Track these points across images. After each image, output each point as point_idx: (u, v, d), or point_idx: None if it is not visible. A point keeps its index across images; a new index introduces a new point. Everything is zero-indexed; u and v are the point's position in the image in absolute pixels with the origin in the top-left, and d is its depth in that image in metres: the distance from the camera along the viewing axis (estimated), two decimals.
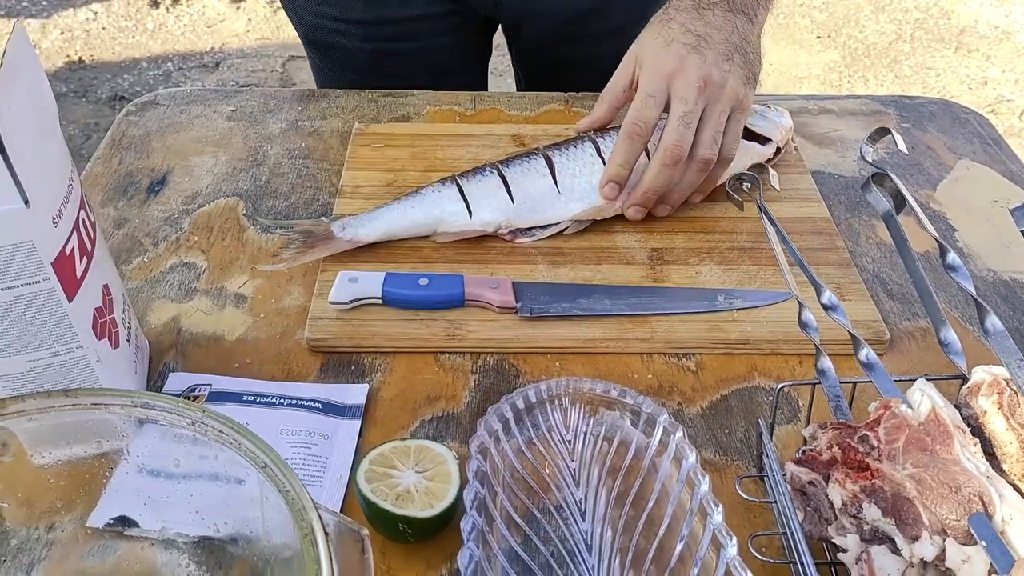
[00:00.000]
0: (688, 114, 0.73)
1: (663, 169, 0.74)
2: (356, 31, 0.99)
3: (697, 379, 0.66)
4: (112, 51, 2.91)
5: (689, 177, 0.75)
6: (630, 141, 0.74)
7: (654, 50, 0.75)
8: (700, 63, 0.73)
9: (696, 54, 0.74)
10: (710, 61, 0.73)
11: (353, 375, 0.65)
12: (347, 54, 1.02)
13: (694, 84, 0.72)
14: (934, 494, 0.46)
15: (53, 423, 0.45)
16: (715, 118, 0.74)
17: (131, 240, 0.77)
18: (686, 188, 0.76)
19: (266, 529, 0.45)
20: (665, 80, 0.74)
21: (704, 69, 0.73)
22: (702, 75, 0.73)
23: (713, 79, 0.73)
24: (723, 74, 0.74)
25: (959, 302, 0.73)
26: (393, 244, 0.76)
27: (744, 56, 0.75)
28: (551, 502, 0.53)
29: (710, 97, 0.73)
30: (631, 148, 0.74)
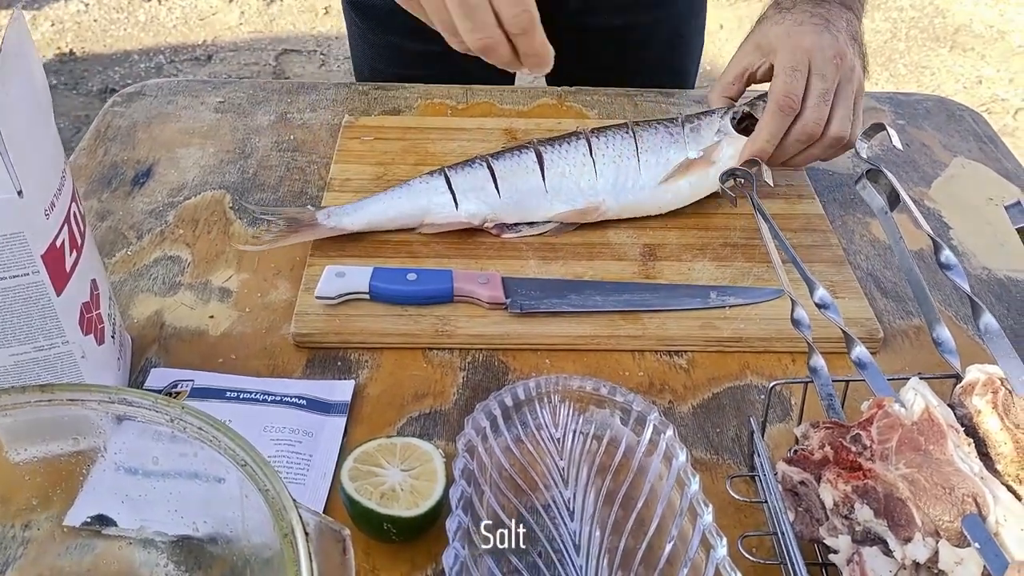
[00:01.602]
0: (827, 92, 0.74)
1: (796, 145, 0.75)
2: None
3: (689, 377, 0.65)
4: (103, 43, 2.89)
5: (817, 152, 0.76)
6: (781, 115, 0.74)
7: (787, 29, 0.77)
8: (833, 41, 0.75)
9: (828, 33, 0.75)
10: (841, 40, 0.75)
11: (339, 371, 0.64)
12: (389, 16, 1.01)
13: (831, 60, 0.74)
14: (927, 495, 0.45)
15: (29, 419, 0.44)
16: (847, 97, 0.75)
17: (115, 233, 0.76)
18: (806, 162, 0.77)
19: (246, 529, 0.44)
20: (806, 54, 0.75)
21: (838, 47, 0.75)
22: (838, 51, 0.74)
23: (847, 58, 0.75)
24: (853, 57, 0.76)
25: (953, 300, 0.72)
26: (381, 239, 0.74)
27: (860, 47, 0.78)
28: (539, 501, 0.52)
29: (843, 76, 0.75)
30: (782, 122, 0.75)
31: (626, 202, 0.76)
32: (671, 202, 0.78)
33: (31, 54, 0.52)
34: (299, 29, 2.99)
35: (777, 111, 0.74)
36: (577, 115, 0.93)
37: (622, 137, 0.78)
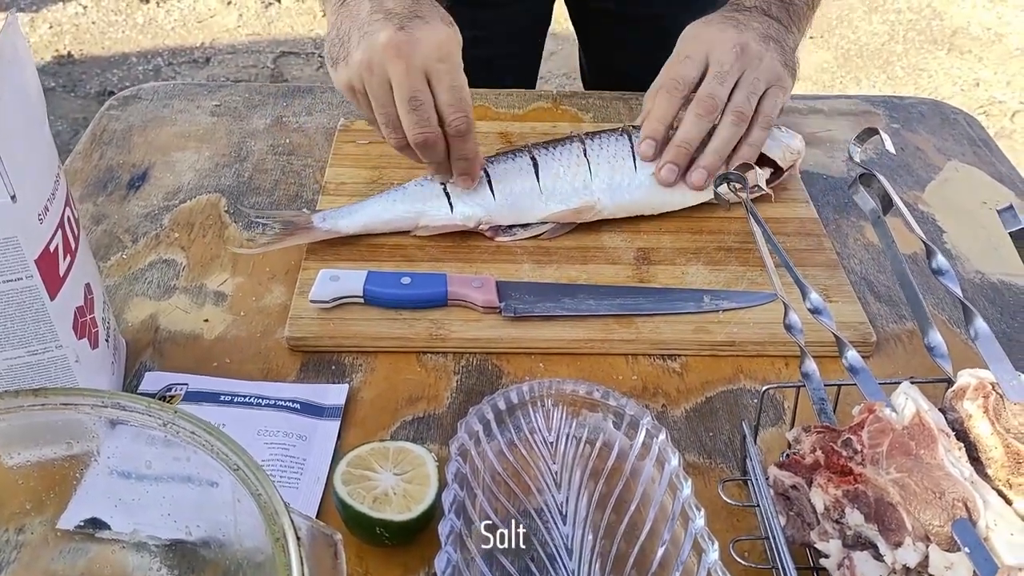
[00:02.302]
0: (722, 73, 0.74)
1: (696, 120, 0.75)
2: None
3: (682, 380, 0.65)
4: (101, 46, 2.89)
5: (722, 133, 0.75)
6: (668, 96, 0.76)
7: (694, 30, 0.78)
8: (737, 34, 0.76)
9: (733, 28, 0.76)
10: (748, 35, 0.76)
11: (333, 375, 0.65)
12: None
13: (730, 49, 0.75)
14: (917, 499, 0.45)
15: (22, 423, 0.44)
16: (749, 81, 0.75)
17: (110, 236, 0.76)
18: (720, 146, 0.76)
19: (238, 533, 0.44)
20: (704, 46, 0.76)
21: (741, 38, 0.75)
22: (739, 42, 0.75)
23: (750, 48, 0.75)
24: (760, 48, 0.75)
25: (946, 304, 0.72)
26: (375, 242, 0.75)
27: (781, 47, 0.77)
28: (532, 505, 0.52)
29: (747, 64, 0.75)
30: (669, 103, 0.75)
31: (621, 201, 0.77)
32: (667, 202, 0.78)
33: (25, 58, 0.52)
34: (297, 32, 2.99)
35: (664, 92, 0.76)
36: (572, 119, 0.93)
37: (617, 139, 0.79)
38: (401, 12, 0.68)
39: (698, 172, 0.76)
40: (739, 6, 0.81)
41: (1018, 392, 0.50)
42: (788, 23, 0.80)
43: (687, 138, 0.75)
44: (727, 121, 0.75)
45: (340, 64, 0.70)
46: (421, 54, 0.67)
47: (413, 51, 0.67)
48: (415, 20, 0.68)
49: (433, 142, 0.69)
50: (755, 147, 0.77)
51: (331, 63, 0.72)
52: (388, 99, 0.69)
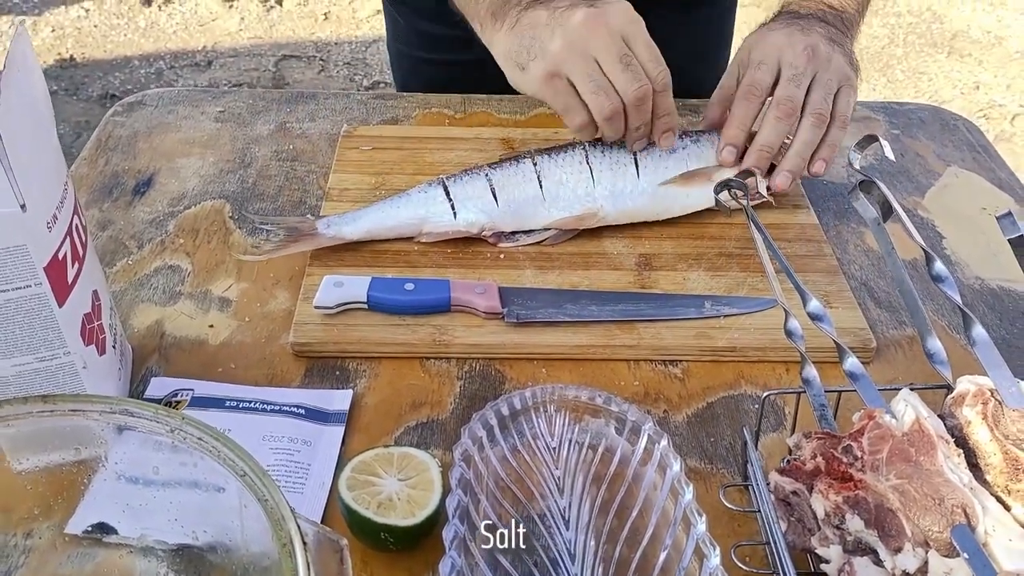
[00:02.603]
0: (797, 75, 0.76)
1: (776, 123, 0.76)
2: None
3: (683, 386, 0.66)
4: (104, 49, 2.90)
5: (804, 135, 0.77)
6: (746, 102, 0.77)
7: (759, 36, 0.80)
8: (804, 37, 0.78)
9: (800, 32, 0.78)
10: (815, 38, 0.78)
11: (338, 380, 0.65)
12: (419, 1, 1.06)
13: (801, 52, 0.76)
14: (917, 505, 0.46)
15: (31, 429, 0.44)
16: (823, 82, 0.76)
17: (115, 242, 0.77)
18: (802, 148, 0.77)
19: (245, 538, 0.44)
20: (775, 51, 0.78)
21: (811, 40, 0.77)
22: (809, 44, 0.77)
23: (820, 50, 0.77)
24: (828, 49, 0.77)
25: (946, 310, 0.73)
26: (379, 248, 0.75)
27: (844, 49, 0.79)
28: (535, 510, 0.53)
29: (818, 66, 0.77)
30: (747, 109, 0.77)
31: (624, 208, 0.77)
32: (669, 209, 0.78)
33: (34, 68, 0.53)
34: (299, 35, 3.00)
35: (742, 98, 0.77)
36: None
37: (619, 146, 0.79)
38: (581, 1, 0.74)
39: (783, 176, 0.77)
40: (795, 14, 0.82)
41: (1016, 399, 0.51)
42: (844, 29, 0.82)
43: (768, 142, 0.77)
44: (807, 123, 0.76)
45: (532, 63, 0.74)
46: (616, 20, 0.72)
47: (609, 19, 0.72)
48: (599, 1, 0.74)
49: (648, 96, 0.73)
50: (834, 147, 0.78)
51: (518, 70, 0.75)
52: (595, 68, 0.72)
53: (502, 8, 0.78)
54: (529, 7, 0.76)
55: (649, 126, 0.76)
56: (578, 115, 0.74)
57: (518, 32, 0.75)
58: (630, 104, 0.73)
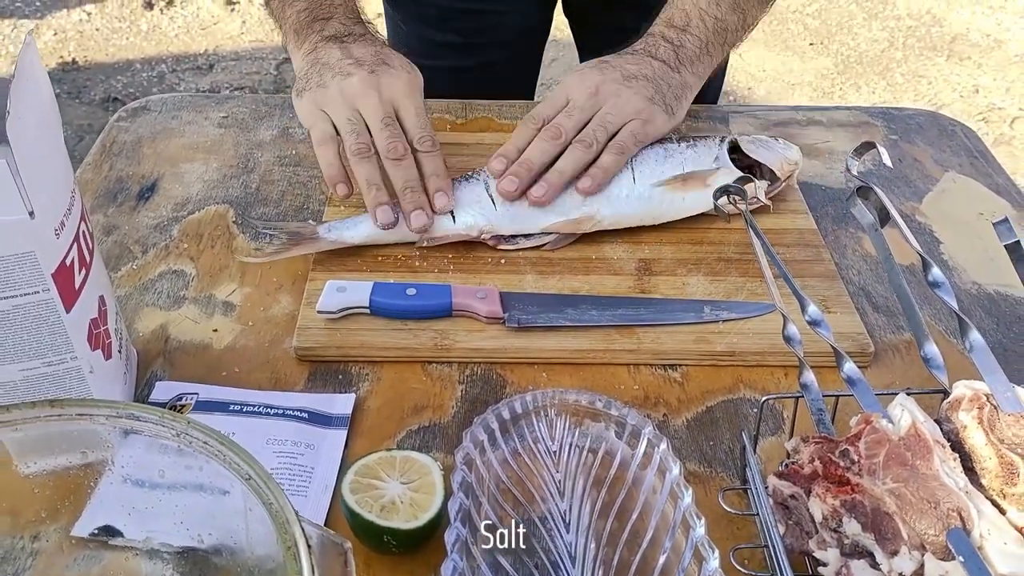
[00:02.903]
0: (571, 109, 0.80)
1: (539, 143, 0.79)
2: None
3: (683, 390, 0.66)
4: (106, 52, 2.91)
5: (568, 155, 0.78)
6: (523, 127, 0.81)
7: (570, 74, 0.85)
8: (597, 75, 0.82)
9: (597, 72, 0.82)
10: (607, 76, 0.82)
11: (340, 384, 0.66)
12: (420, 7, 1.08)
13: (585, 90, 0.81)
14: (913, 509, 0.46)
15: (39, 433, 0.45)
16: (601, 116, 0.80)
17: (120, 247, 0.77)
18: (563, 166, 0.78)
19: (250, 541, 0.45)
20: (564, 89, 0.82)
21: (598, 78, 0.81)
22: (595, 82, 0.81)
23: (605, 88, 0.81)
24: (617, 87, 0.81)
25: (943, 315, 0.73)
26: (381, 253, 0.76)
27: (654, 84, 0.82)
28: (535, 513, 0.53)
29: (600, 102, 0.80)
30: (522, 133, 0.81)
31: (620, 212, 0.78)
32: (665, 213, 0.79)
33: (41, 76, 0.54)
34: None
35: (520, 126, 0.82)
36: None
37: None
38: (369, 60, 0.79)
39: (537, 186, 0.77)
40: (624, 50, 0.86)
41: (1012, 404, 0.51)
42: (675, 64, 0.84)
43: (529, 156, 0.78)
44: (570, 149, 0.78)
45: (307, 93, 0.79)
46: (389, 91, 0.78)
47: (383, 88, 0.78)
48: (382, 66, 0.79)
49: (402, 153, 0.76)
50: (605, 169, 0.77)
51: (296, 94, 0.81)
52: (357, 117, 0.77)
53: (306, 29, 0.84)
54: (329, 40, 0.82)
55: (421, 192, 0.76)
56: (320, 130, 0.78)
57: (310, 61, 0.81)
58: (386, 159, 0.76)
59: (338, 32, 0.83)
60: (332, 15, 0.84)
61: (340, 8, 0.85)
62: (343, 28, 0.83)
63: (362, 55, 0.80)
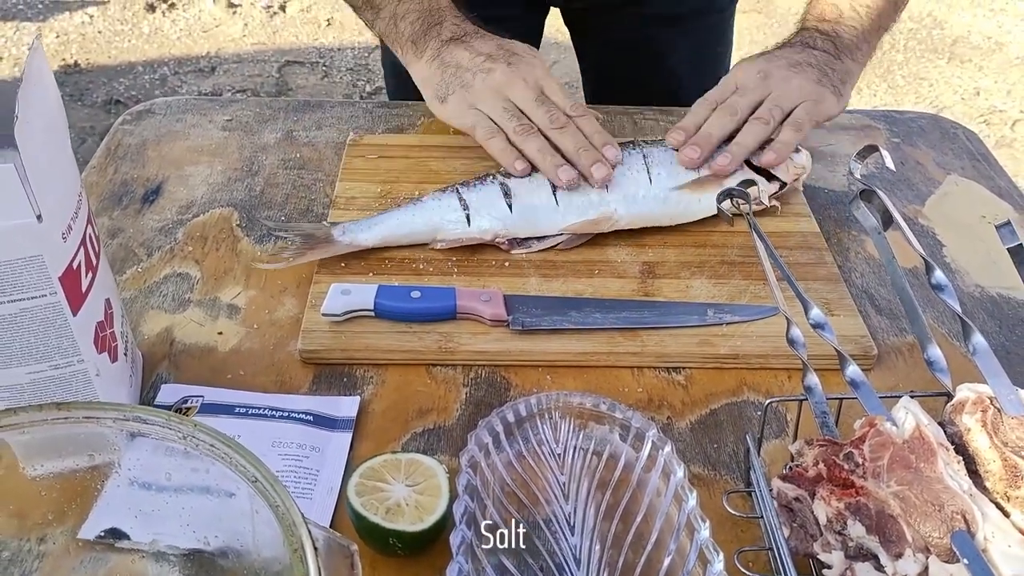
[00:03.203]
0: (744, 89, 0.83)
1: (718, 117, 0.82)
2: None
3: (687, 393, 0.66)
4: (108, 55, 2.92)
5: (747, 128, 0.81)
6: (696, 108, 0.85)
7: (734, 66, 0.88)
8: (764, 63, 0.85)
9: (764, 60, 0.86)
10: (774, 64, 0.85)
11: (345, 387, 0.66)
12: None
13: (755, 75, 0.84)
14: (917, 512, 0.46)
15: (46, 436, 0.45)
16: (773, 98, 0.82)
17: (125, 250, 0.78)
18: (744, 139, 0.81)
19: (256, 543, 0.45)
20: (733, 74, 0.86)
21: (767, 66, 0.84)
22: (763, 69, 0.84)
23: (773, 73, 0.84)
24: (786, 73, 0.84)
25: (947, 318, 0.73)
26: (386, 256, 0.76)
27: (820, 71, 0.84)
28: (540, 516, 0.54)
29: (771, 87, 0.83)
30: (695, 113, 0.84)
31: (637, 212, 0.78)
32: (682, 214, 0.79)
33: (48, 81, 0.54)
34: (302, 41, 3.01)
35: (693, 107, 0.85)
36: None
37: (630, 152, 0.80)
38: (500, 54, 0.83)
39: (723, 155, 0.80)
40: (782, 43, 0.88)
41: (1015, 406, 0.51)
42: (835, 52, 0.86)
43: (710, 129, 0.81)
44: (748, 124, 0.81)
45: (451, 97, 0.83)
46: (531, 75, 0.82)
47: (525, 75, 0.82)
48: (514, 56, 0.83)
49: (564, 121, 0.80)
50: (784, 145, 0.81)
51: (437, 100, 0.84)
52: (510, 104, 0.81)
53: (423, 37, 0.86)
54: (450, 43, 0.85)
55: (593, 150, 0.79)
56: (487, 128, 0.81)
57: (439, 66, 0.84)
58: (550, 131, 0.79)
59: (455, 34, 0.85)
60: (443, 19, 0.86)
61: (447, 11, 0.87)
62: (458, 29, 0.86)
63: (490, 50, 0.83)
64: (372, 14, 0.89)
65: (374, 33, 0.91)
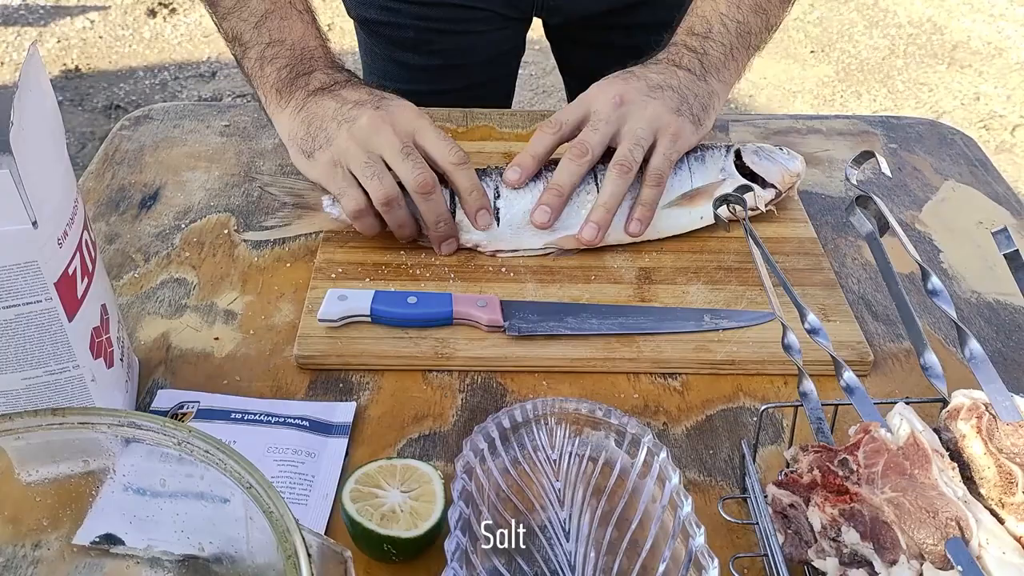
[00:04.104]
0: (596, 122, 0.77)
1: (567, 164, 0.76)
2: (407, 10, 1.04)
3: (683, 399, 0.66)
4: (108, 60, 2.92)
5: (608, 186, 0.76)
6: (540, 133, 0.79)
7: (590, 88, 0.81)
8: (622, 84, 0.78)
9: (621, 81, 0.79)
10: (631, 86, 0.78)
11: (341, 393, 0.66)
12: (395, 31, 1.06)
13: (609, 100, 0.77)
14: (912, 518, 0.46)
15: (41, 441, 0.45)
16: (632, 131, 0.76)
17: (122, 255, 0.78)
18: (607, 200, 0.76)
19: (250, 549, 0.45)
20: (587, 99, 0.79)
21: (623, 88, 0.78)
22: (619, 92, 0.77)
23: (630, 98, 0.77)
24: (644, 98, 0.77)
25: (943, 324, 0.73)
26: (382, 262, 0.76)
27: (679, 95, 0.79)
28: (535, 522, 0.53)
29: (627, 114, 0.77)
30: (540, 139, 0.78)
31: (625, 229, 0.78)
32: (672, 227, 0.79)
33: (45, 86, 0.54)
34: None
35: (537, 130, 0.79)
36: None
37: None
38: (368, 100, 0.76)
39: (588, 227, 0.75)
40: (647, 60, 0.83)
41: (1010, 413, 0.51)
42: (700, 72, 0.81)
43: (559, 181, 0.76)
44: (611, 175, 0.75)
45: (317, 152, 0.75)
46: (402, 119, 0.74)
47: (395, 120, 0.74)
48: (383, 101, 0.76)
49: (430, 184, 0.73)
50: (647, 206, 0.76)
51: (303, 156, 0.76)
52: (376, 159, 0.73)
53: (288, 87, 0.78)
54: (316, 93, 0.77)
55: (452, 223, 0.75)
56: (353, 200, 0.73)
57: (304, 119, 0.77)
58: (414, 192, 0.73)
59: (324, 83, 0.78)
60: (313, 68, 0.79)
61: (320, 60, 0.80)
62: (327, 78, 0.79)
63: (358, 97, 0.76)
64: (240, 50, 0.81)
65: (241, 72, 0.83)
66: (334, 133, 0.74)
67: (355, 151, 0.73)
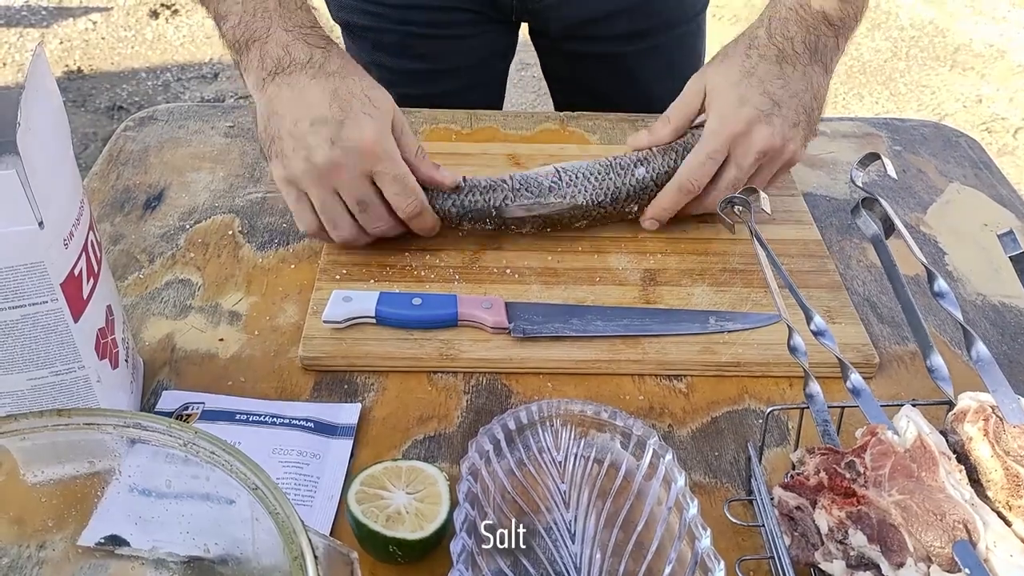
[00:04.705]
0: (737, 180, 0.76)
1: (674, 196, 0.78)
2: (389, 14, 1.03)
3: (688, 401, 0.66)
4: (111, 61, 2.92)
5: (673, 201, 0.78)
6: (680, 194, 0.77)
7: (727, 106, 0.75)
8: (768, 135, 0.74)
9: (766, 124, 0.74)
10: (777, 131, 0.75)
11: (346, 394, 0.66)
12: (379, 35, 1.05)
13: (754, 154, 0.75)
14: (919, 521, 0.46)
15: (46, 442, 0.45)
16: (762, 176, 0.78)
17: (127, 256, 0.78)
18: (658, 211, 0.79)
19: (256, 551, 0.45)
20: (729, 142, 0.75)
21: (769, 141, 0.75)
22: (765, 147, 0.75)
23: (774, 147, 0.75)
24: (786, 142, 0.76)
25: (948, 326, 0.73)
26: (387, 263, 0.76)
27: (810, 116, 0.77)
28: (541, 524, 0.53)
29: (764, 164, 0.77)
30: (679, 199, 0.78)
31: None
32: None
33: (51, 88, 0.54)
34: None
35: (677, 189, 0.77)
36: (579, 140, 0.95)
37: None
38: (329, 116, 0.69)
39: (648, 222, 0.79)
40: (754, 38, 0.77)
41: (1017, 415, 0.51)
42: (830, 59, 0.78)
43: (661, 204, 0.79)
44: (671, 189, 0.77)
45: (273, 160, 0.72)
46: (359, 162, 0.69)
47: (351, 163, 0.69)
48: (345, 126, 0.69)
49: (393, 229, 0.74)
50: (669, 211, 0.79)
51: (264, 154, 0.73)
52: (334, 200, 0.71)
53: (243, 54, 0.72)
54: (274, 77, 0.71)
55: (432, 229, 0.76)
56: (305, 224, 0.74)
57: (263, 112, 0.72)
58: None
59: (279, 63, 0.71)
60: (269, 27, 0.71)
61: (275, 13, 0.71)
62: (284, 55, 0.71)
63: (318, 102, 0.69)
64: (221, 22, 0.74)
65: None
66: (289, 153, 0.70)
67: (310, 184, 0.70)
